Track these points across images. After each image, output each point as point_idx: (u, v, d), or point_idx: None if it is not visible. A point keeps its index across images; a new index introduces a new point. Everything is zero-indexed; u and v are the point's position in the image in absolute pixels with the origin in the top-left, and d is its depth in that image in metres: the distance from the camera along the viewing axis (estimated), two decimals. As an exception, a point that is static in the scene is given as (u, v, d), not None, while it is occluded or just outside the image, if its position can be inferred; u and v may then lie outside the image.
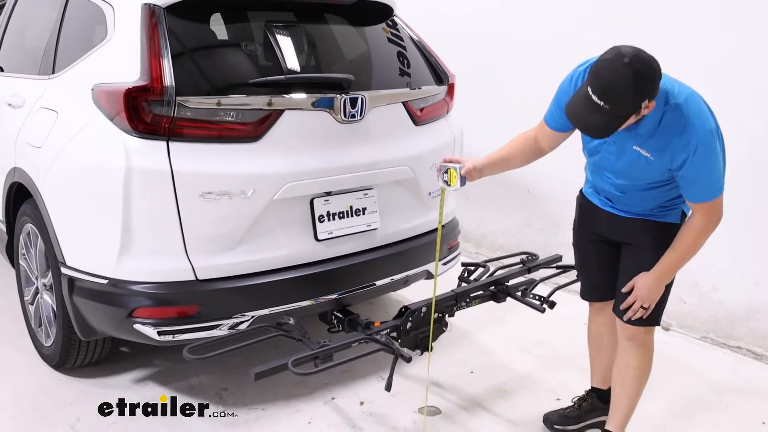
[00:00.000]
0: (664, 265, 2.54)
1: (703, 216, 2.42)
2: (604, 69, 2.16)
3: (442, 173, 2.78)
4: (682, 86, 2.35)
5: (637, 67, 2.12)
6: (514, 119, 4.96)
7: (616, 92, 2.14)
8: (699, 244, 2.48)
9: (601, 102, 2.15)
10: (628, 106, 2.18)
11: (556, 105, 2.60)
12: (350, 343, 2.88)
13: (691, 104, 2.31)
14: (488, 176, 2.77)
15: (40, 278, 3.39)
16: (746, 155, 3.80)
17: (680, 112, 2.30)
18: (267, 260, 3.02)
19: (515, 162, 2.77)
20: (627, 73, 2.11)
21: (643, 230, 2.64)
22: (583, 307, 3.07)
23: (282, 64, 3.09)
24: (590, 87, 2.17)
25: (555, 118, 2.61)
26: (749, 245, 3.99)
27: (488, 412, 3.23)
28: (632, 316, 2.64)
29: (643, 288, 2.58)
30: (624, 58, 2.12)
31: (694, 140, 2.29)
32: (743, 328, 4.02)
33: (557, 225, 5.00)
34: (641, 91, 2.15)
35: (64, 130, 3.01)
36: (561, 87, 2.58)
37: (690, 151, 2.30)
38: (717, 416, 3.29)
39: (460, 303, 3.29)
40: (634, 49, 2.16)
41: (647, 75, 2.15)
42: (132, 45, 2.83)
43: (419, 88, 3.52)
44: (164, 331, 2.83)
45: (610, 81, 2.13)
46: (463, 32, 5.43)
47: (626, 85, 2.12)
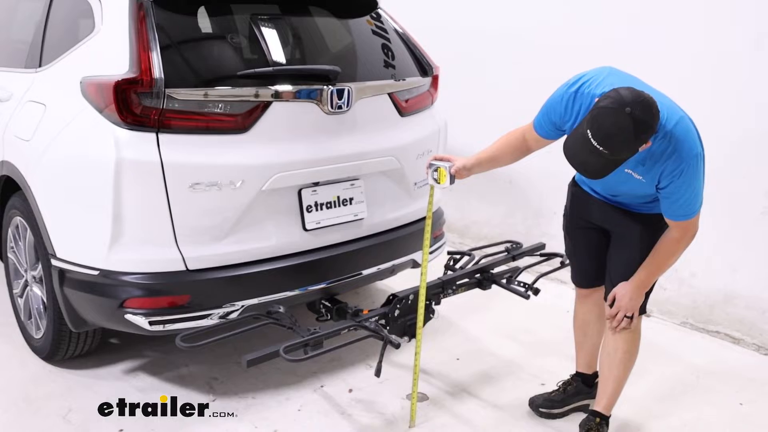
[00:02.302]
0: (641, 275, 2.64)
1: (678, 232, 2.53)
2: (606, 117, 2.18)
3: (432, 171, 2.84)
4: (671, 110, 2.38)
5: (639, 116, 2.15)
6: (498, 110, 5.06)
7: (617, 141, 2.18)
8: (675, 257, 2.60)
9: (600, 147, 2.18)
10: (628, 152, 2.23)
11: (545, 117, 2.61)
12: (340, 330, 2.92)
13: (679, 130, 2.36)
14: (479, 173, 2.82)
15: (30, 271, 3.40)
16: (727, 146, 3.89)
17: (668, 139, 2.36)
18: (256, 250, 3.06)
19: (503, 160, 2.81)
20: (629, 124, 2.15)
21: (632, 220, 2.73)
22: (566, 294, 3.14)
23: (269, 56, 3.12)
24: (590, 131, 2.20)
25: (544, 129, 2.64)
26: (727, 233, 4.08)
27: (474, 398, 3.29)
28: (617, 327, 2.73)
29: (624, 298, 2.68)
30: (626, 108, 2.15)
31: (682, 165, 2.36)
32: (721, 313, 4.12)
33: (539, 214, 5.07)
34: (642, 138, 2.21)
35: (52, 122, 3.02)
36: (550, 103, 2.58)
37: (676, 175, 2.38)
38: (697, 398, 3.37)
39: (447, 291, 3.34)
40: (633, 95, 2.19)
41: (648, 123, 2.19)
42: (120, 38, 2.85)
43: (404, 80, 3.56)
44: (155, 321, 2.86)
45: (612, 130, 2.17)
46: (448, 24, 5.47)
47: (628, 134, 2.16)
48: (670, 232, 2.56)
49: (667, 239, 2.57)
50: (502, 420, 3.12)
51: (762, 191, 3.88)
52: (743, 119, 3.90)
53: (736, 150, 3.94)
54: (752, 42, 3.83)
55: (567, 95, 2.50)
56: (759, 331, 3.96)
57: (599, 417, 2.86)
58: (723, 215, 4.03)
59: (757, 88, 3.83)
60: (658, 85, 2.48)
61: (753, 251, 4.00)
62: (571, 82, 2.52)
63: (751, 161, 3.92)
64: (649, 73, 3.94)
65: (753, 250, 4.00)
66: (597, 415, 2.86)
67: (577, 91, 2.46)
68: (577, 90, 2.46)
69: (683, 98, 3.88)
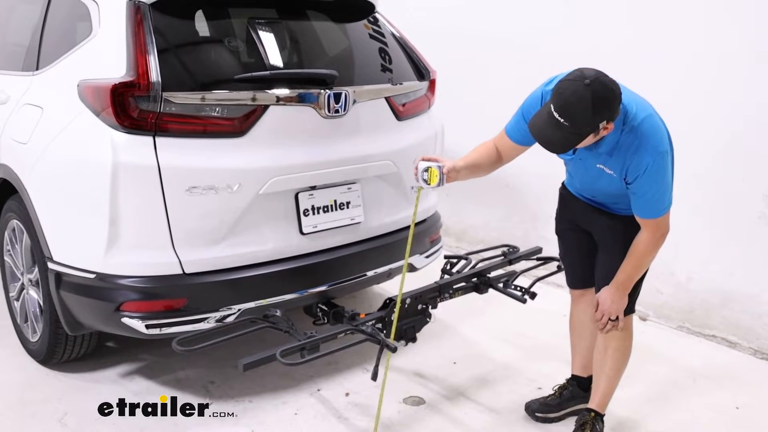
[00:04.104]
0: (620, 278, 2.67)
1: (648, 232, 2.57)
2: (566, 88, 2.28)
3: (421, 171, 2.74)
4: (640, 107, 2.46)
5: (597, 88, 2.25)
6: (495, 115, 5.04)
7: (575, 110, 2.26)
8: (649, 257, 2.64)
9: (561, 119, 2.27)
10: (587, 125, 2.29)
11: (520, 118, 2.67)
12: (337, 334, 2.92)
13: (646, 126, 2.43)
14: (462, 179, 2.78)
15: (26, 274, 3.39)
16: (724, 149, 3.90)
17: (635, 134, 2.43)
18: (253, 254, 3.06)
19: (482, 170, 2.80)
20: (586, 94, 2.24)
21: (610, 221, 2.77)
22: (562, 299, 3.14)
23: (266, 60, 3.12)
24: (552, 104, 2.30)
25: (518, 131, 2.69)
26: (724, 236, 4.08)
27: (471, 402, 3.29)
28: (604, 330, 2.75)
29: (606, 301, 2.71)
30: (585, 80, 2.25)
31: (647, 160, 2.42)
32: (718, 317, 4.12)
33: (536, 218, 5.08)
34: (599, 112, 2.27)
35: (50, 125, 3.03)
36: (527, 102, 2.66)
37: (641, 170, 2.43)
38: (693, 401, 3.38)
39: (444, 294, 3.33)
40: (596, 72, 2.29)
41: (606, 97, 2.27)
42: (118, 41, 2.86)
43: (401, 84, 3.57)
44: (152, 324, 2.86)
45: (571, 99, 2.26)
46: (445, 29, 5.47)
47: (585, 104, 2.24)
48: (641, 233, 2.60)
49: (640, 240, 2.61)
50: (499, 424, 3.12)
51: (759, 195, 3.89)
52: (741, 122, 3.90)
53: (733, 153, 3.94)
54: (751, 44, 3.84)
55: (544, 93, 2.58)
56: (755, 335, 3.96)
57: (593, 412, 2.89)
58: (720, 219, 4.04)
59: (756, 91, 3.83)
60: (657, 87, 2.49)
61: (750, 255, 4.01)
62: (547, 82, 2.61)
63: (748, 165, 3.92)
64: (648, 76, 3.99)
65: (750, 254, 4.01)
66: (591, 411, 2.90)
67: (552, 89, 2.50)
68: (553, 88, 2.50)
69: (681, 100, 3.93)
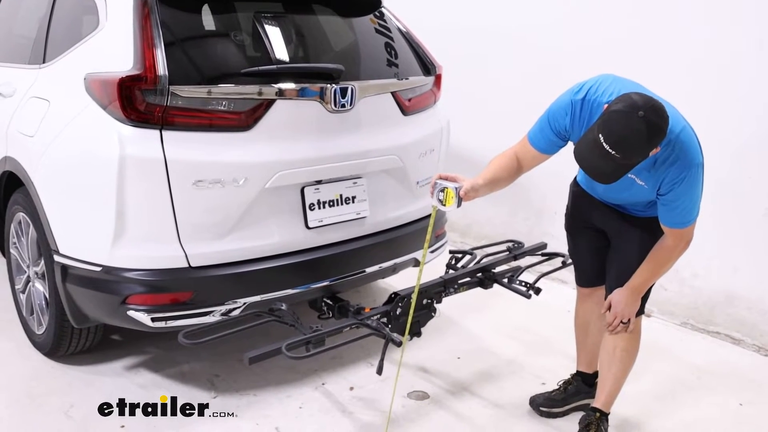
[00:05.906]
0: (636, 281, 2.65)
1: (673, 240, 2.54)
2: (618, 120, 2.18)
3: (437, 191, 2.61)
4: (674, 118, 2.37)
5: (651, 119, 2.16)
6: (498, 110, 5.06)
7: (630, 144, 2.17)
8: (669, 264, 2.61)
9: (612, 151, 2.18)
10: (640, 156, 2.23)
11: (546, 125, 2.59)
12: (342, 328, 2.93)
13: (684, 138, 2.37)
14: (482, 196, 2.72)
15: (32, 266, 3.40)
16: (730, 147, 3.90)
17: (672, 147, 2.37)
18: (259, 248, 3.06)
19: (503, 183, 2.72)
20: (641, 128, 2.15)
21: (629, 225, 2.74)
22: (567, 294, 3.14)
23: (272, 54, 3.12)
24: (602, 135, 2.19)
25: (542, 139, 2.61)
26: (729, 234, 4.08)
27: (475, 396, 3.30)
28: (614, 332, 2.74)
29: (619, 304, 2.70)
30: (638, 111, 2.15)
31: (683, 173, 2.38)
32: (722, 314, 4.12)
33: (541, 214, 5.08)
34: (654, 142, 2.22)
35: (56, 118, 3.03)
36: (553, 109, 2.56)
37: (678, 183, 2.39)
38: (697, 398, 3.38)
39: (448, 289, 3.34)
40: (645, 99, 2.19)
41: (658, 125, 2.19)
42: (125, 34, 2.85)
43: (407, 79, 3.56)
44: (158, 317, 2.87)
45: (625, 133, 2.16)
46: (451, 23, 5.47)
47: (641, 138, 2.17)
48: (665, 240, 2.57)
49: (663, 246, 2.58)
50: (503, 419, 3.13)
51: (765, 192, 3.89)
52: (747, 120, 3.90)
53: (739, 151, 3.94)
54: (756, 43, 3.83)
55: (574, 103, 2.48)
56: (760, 332, 3.96)
57: (599, 412, 2.87)
58: (725, 216, 4.03)
59: (761, 90, 3.83)
60: (661, 85, 2.48)
61: (754, 252, 4.01)
62: (576, 90, 2.50)
63: (753, 163, 3.92)
64: (652, 72, 3.98)
65: (754, 252, 4.01)
66: (596, 411, 2.88)
67: (584, 98, 2.46)
68: (584, 98, 2.46)
69: (686, 99, 3.90)
